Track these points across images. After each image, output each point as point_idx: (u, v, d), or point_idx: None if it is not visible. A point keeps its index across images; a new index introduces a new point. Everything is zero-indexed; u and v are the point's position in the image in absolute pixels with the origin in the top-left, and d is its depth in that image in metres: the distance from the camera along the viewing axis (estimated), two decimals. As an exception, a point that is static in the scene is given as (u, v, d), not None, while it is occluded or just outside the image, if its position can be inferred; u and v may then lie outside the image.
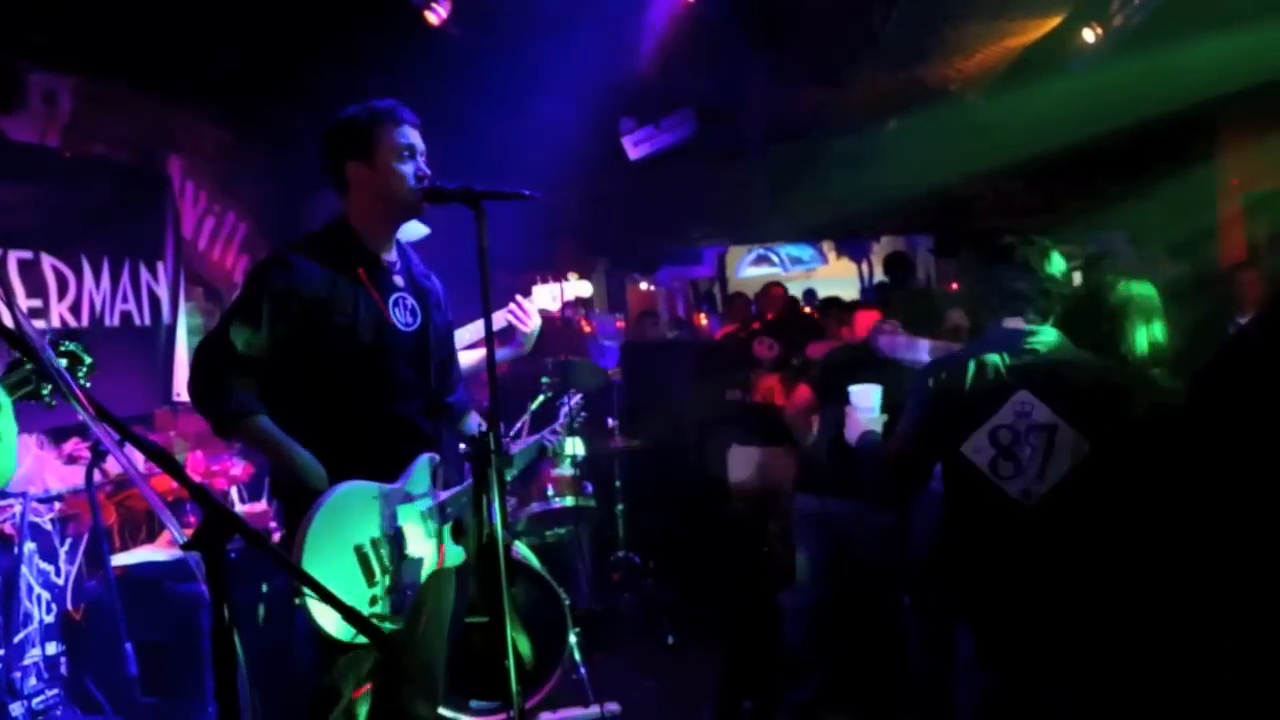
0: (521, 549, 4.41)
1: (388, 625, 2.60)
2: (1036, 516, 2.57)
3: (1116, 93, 6.15)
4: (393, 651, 2.74)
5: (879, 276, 11.36)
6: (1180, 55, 5.38)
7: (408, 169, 2.70)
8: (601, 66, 4.96)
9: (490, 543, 2.72)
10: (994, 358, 2.65)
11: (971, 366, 2.67)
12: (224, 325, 2.66)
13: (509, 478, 3.16)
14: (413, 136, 2.74)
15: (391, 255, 2.82)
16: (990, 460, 2.59)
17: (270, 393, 2.65)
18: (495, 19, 4.58)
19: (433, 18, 4.06)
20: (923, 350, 3.58)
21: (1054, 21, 5.31)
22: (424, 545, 2.70)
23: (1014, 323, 2.68)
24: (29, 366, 2.24)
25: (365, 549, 2.57)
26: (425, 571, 2.71)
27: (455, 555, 2.85)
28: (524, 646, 3.42)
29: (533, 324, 3.44)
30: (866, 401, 3.07)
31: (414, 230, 3.49)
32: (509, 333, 3.46)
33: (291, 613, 3.33)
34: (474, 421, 3.09)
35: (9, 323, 1.72)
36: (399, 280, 2.81)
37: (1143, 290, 2.92)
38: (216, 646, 1.79)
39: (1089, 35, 5.22)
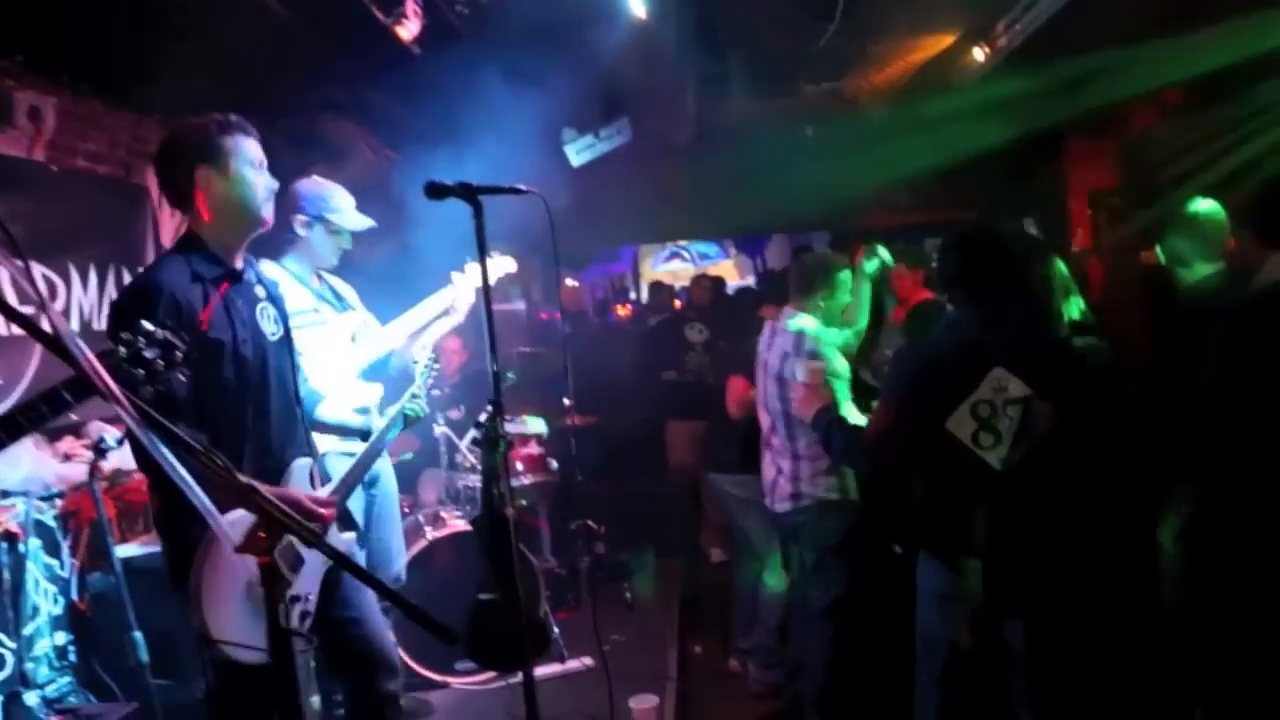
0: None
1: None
2: (1014, 480, 2.52)
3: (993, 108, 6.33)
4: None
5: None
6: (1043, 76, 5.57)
7: (260, 179, 2.48)
8: (548, 81, 4.88)
9: (500, 518, 2.65)
10: (970, 336, 2.60)
11: (950, 346, 2.62)
12: None
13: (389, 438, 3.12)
14: (259, 150, 2.51)
15: (243, 265, 2.54)
16: (972, 433, 2.52)
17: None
18: (455, 39, 4.44)
19: (404, 34, 3.88)
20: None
21: (950, 39, 5.35)
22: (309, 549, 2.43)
23: (978, 304, 2.63)
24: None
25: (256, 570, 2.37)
26: (320, 569, 2.51)
27: (342, 545, 2.63)
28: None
29: (469, 300, 3.43)
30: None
31: (358, 221, 3.28)
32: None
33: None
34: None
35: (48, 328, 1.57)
36: (260, 291, 2.58)
37: (1063, 267, 3.00)
38: (274, 650, 1.74)
39: (978, 54, 5.32)
